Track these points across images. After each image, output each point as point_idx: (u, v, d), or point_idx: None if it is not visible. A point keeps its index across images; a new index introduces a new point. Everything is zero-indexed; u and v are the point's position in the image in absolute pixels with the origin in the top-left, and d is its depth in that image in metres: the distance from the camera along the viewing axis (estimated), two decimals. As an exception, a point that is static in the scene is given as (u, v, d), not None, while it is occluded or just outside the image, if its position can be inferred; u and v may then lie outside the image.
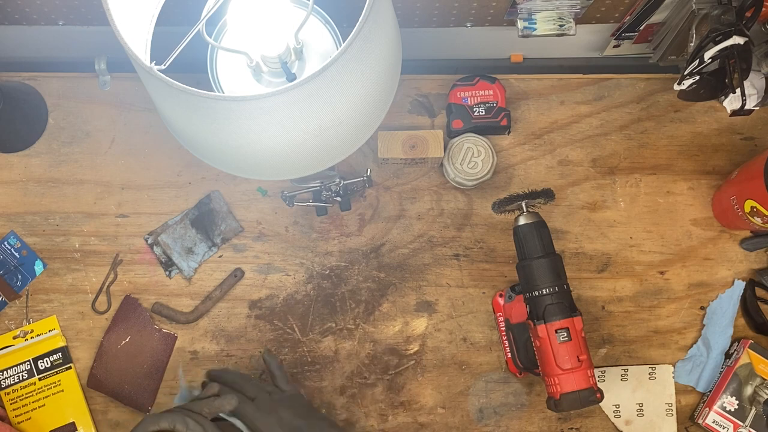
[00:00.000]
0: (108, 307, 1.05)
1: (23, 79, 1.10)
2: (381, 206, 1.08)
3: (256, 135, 0.75)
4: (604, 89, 1.12)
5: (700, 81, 0.95)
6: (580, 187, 1.09)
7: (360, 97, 0.77)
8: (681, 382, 1.06)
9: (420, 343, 1.06)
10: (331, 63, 0.69)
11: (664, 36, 1.03)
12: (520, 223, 0.94)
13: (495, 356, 1.05)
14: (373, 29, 0.72)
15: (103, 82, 1.10)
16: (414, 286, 1.07)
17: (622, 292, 1.07)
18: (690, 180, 1.10)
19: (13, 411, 1.02)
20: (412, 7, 1.01)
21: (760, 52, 0.98)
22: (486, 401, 1.04)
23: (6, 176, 1.08)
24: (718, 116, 1.12)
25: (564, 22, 1.02)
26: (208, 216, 1.07)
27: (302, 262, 1.07)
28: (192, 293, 1.06)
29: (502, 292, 1.05)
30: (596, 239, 1.08)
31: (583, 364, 0.89)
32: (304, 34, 0.86)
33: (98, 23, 1.03)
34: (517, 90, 1.12)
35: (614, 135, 1.11)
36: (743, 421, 1.02)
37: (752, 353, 1.03)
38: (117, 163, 1.09)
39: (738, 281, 1.07)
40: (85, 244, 1.06)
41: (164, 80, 0.69)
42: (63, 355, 1.03)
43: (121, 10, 0.73)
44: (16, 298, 1.05)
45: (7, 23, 1.04)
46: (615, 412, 1.04)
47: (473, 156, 1.05)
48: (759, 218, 0.98)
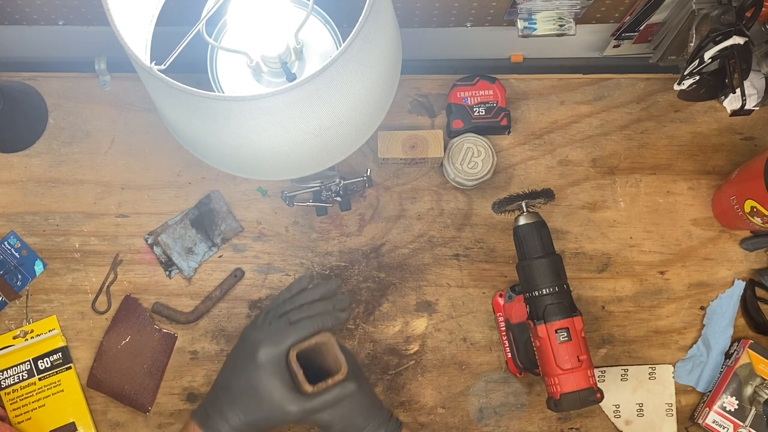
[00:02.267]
0: (108, 307, 1.05)
1: (23, 79, 1.10)
2: (381, 206, 1.08)
3: (256, 135, 0.75)
4: (604, 89, 1.12)
5: (700, 81, 0.95)
6: (580, 187, 1.09)
7: (360, 97, 0.77)
8: (681, 382, 1.06)
9: (420, 343, 1.05)
10: (331, 63, 0.69)
11: (664, 36, 1.03)
12: (520, 223, 0.94)
13: (495, 356, 1.05)
14: (373, 29, 0.72)
15: (103, 82, 1.10)
16: (414, 286, 1.07)
17: (622, 292, 1.07)
18: (690, 180, 1.10)
19: (13, 411, 1.02)
20: (412, 7, 1.01)
21: (760, 52, 0.98)
22: (486, 401, 1.04)
23: (6, 176, 1.08)
24: (718, 116, 1.12)
25: (564, 22, 1.02)
26: (208, 216, 1.07)
27: (302, 262, 1.07)
28: (192, 293, 1.06)
29: (502, 292, 1.05)
30: (596, 239, 1.08)
31: (583, 364, 0.89)
32: (304, 34, 0.86)
33: (98, 23, 1.03)
34: (517, 90, 1.12)
35: (614, 135, 1.11)
36: (743, 421, 1.02)
37: (752, 353, 1.03)
38: (117, 163, 1.09)
39: (738, 281, 1.07)
40: (85, 244, 1.06)
41: (164, 80, 0.69)
42: (63, 355, 1.03)
43: (121, 10, 0.73)
44: (16, 298, 1.05)
45: (7, 23, 1.04)
46: (615, 412, 1.04)
47: (473, 156, 1.05)
48: (759, 218, 0.98)
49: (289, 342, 0.84)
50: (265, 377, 0.82)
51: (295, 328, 0.85)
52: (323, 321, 0.86)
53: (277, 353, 0.83)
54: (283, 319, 0.86)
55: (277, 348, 0.84)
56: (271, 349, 0.83)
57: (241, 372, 0.84)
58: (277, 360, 0.83)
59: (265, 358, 0.83)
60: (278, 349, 0.84)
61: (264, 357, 0.83)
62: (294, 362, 0.82)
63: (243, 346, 0.86)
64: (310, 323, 0.85)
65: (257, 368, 0.83)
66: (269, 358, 0.83)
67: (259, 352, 0.83)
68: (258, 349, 0.83)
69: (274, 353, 0.83)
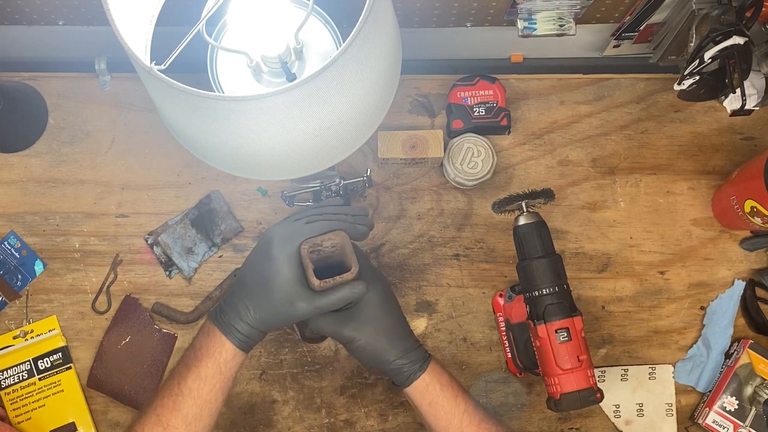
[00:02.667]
0: (108, 307, 1.05)
1: (23, 79, 1.10)
2: (381, 206, 1.08)
3: (256, 135, 0.75)
4: (604, 89, 1.12)
5: (700, 81, 0.95)
6: (580, 187, 1.09)
7: (360, 97, 0.77)
8: (681, 382, 1.06)
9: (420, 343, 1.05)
10: (331, 63, 0.69)
11: (664, 36, 1.03)
12: (520, 223, 0.94)
13: (495, 356, 1.05)
14: (373, 29, 0.71)
15: (103, 82, 1.09)
16: (414, 286, 1.07)
17: (622, 292, 1.07)
18: (690, 180, 1.10)
19: (13, 411, 1.02)
20: (412, 7, 1.01)
21: (760, 52, 0.98)
22: (486, 401, 1.04)
23: (6, 176, 1.08)
24: (718, 116, 1.12)
25: (564, 22, 1.02)
26: (208, 216, 1.07)
27: (302, 262, 1.07)
28: (192, 293, 1.06)
29: (502, 292, 1.05)
30: (596, 239, 1.08)
31: (583, 364, 0.89)
32: (304, 34, 0.86)
33: (98, 23, 1.03)
34: (517, 90, 1.12)
35: (614, 135, 1.11)
36: (743, 421, 1.02)
37: (752, 353, 1.03)
38: (117, 163, 1.08)
39: (738, 281, 1.07)
40: (85, 244, 1.06)
41: (164, 80, 0.69)
42: (63, 355, 1.03)
43: (121, 10, 0.73)
44: (16, 298, 1.05)
45: (7, 23, 1.04)
46: (615, 412, 1.04)
47: (473, 156, 1.05)
48: (759, 218, 0.98)
49: (303, 238, 0.83)
50: (276, 270, 0.82)
51: (311, 227, 0.84)
52: (340, 224, 0.85)
53: (290, 248, 0.82)
54: (303, 219, 0.85)
55: (291, 242, 0.83)
56: (285, 243, 0.82)
57: (255, 266, 0.84)
58: (289, 254, 0.82)
59: (279, 251, 0.82)
60: (292, 243, 0.82)
61: (278, 250, 0.82)
62: (305, 256, 0.82)
63: (262, 241, 0.85)
64: (327, 223, 0.84)
65: (270, 261, 0.82)
66: (282, 251, 0.82)
67: (274, 246, 0.82)
68: (272, 243, 0.83)
69: (288, 247, 0.82)
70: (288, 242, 0.82)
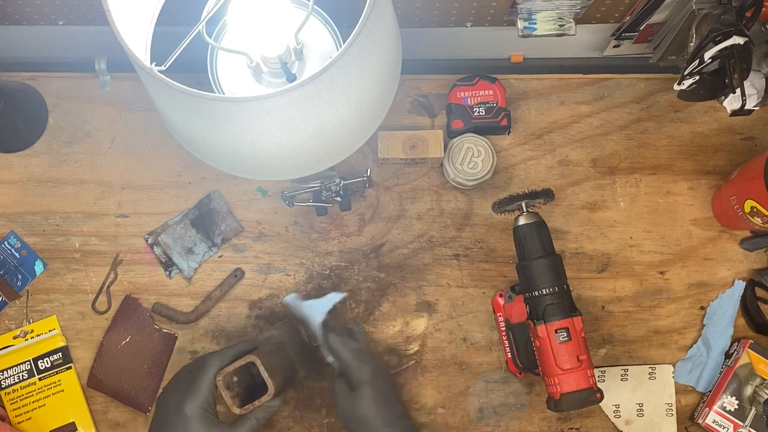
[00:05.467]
0: (108, 307, 1.05)
1: (23, 79, 1.10)
2: (381, 206, 1.08)
3: (256, 135, 0.75)
4: (604, 89, 1.12)
5: (700, 81, 0.95)
6: (580, 187, 1.09)
7: (360, 98, 0.77)
8: (681, 382, 1.06)
9: (420, 343, 1.06)
10: (332, 64, 0.69)
11: (664, 36, 1.03)
12: (520, 223, 0.94)
13: (495, 356, 1.06)
14: (373, 29, 0.71)
15: (103, 82, 1.09)
16: (414, 286, 1.07)
17: (622, 292, 1.07)
18: (690, 180, 1.10)
19: (13, 411, 1.02)
20: (412, 7, 1.01)
21: (760, 52, 0.98)
22: (486, 401, 1.04)
23: (6, 176, 1.08)
24: (718, 116, 1.12)
25: (564, 22, 1.02)
26: (208, 216, 1.07)
27: (302, 262, 1.07)
28: (192, 293, 1.06)
29: (502, 292, 1.05)
30: (596, 239, 1.08)
31: (583, 364, 0.89)
32: (304, 35, 0.86)
33: (98, 23, 1.03)
34: (517, 90, 1.12)
35: (614, 135, 1.11)
36: (743, 421, 1.02)
37: (752, 353, 1.03)
38: (117, 163, 1.09)
39: (738, 281, 1.07)
40: (85, 244, 1.06)
41: (164, 81, 0.69)
42: (63, 355, 1.03)
43: (121, 10, 0.73)
44: (16, 298, 1.05)
45: (7, 23, 1.04)
46: (615, 412, 1.04)
47: (473, 156, 1.05)
48: (759, 218, 0.98)
49: (214, 368, 0.87)
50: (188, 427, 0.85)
51: (219, 355, 0.89)
52: (248, 345, 0.91)
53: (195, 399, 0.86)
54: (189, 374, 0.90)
55: (194, 394, 0.87)
56: (191, 396, 0.87)
57: (168, 424, 0.87)
58: (198, 405, 0.86)
59: (189, 407, 0.86)
60: (195, 393, 0.87)
61: (188, 406, 0.86)
62: (222, 386, 0.87)
63: (160, 410, 0.89)
64: (234, 349, 0.91)
65: (184, 424, 0.85)
66: (191, 406, 0.86)
67: (182, 405, 0.86)
68: (178, 403, 0.86)
69: (193, 400, 0.86)
70: (191, 395, 0.86)
